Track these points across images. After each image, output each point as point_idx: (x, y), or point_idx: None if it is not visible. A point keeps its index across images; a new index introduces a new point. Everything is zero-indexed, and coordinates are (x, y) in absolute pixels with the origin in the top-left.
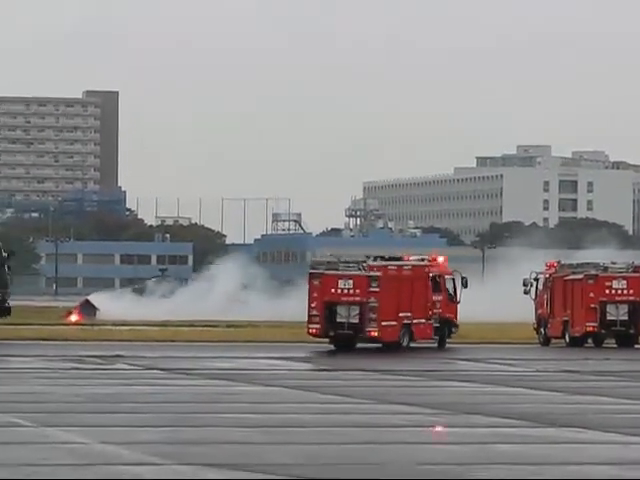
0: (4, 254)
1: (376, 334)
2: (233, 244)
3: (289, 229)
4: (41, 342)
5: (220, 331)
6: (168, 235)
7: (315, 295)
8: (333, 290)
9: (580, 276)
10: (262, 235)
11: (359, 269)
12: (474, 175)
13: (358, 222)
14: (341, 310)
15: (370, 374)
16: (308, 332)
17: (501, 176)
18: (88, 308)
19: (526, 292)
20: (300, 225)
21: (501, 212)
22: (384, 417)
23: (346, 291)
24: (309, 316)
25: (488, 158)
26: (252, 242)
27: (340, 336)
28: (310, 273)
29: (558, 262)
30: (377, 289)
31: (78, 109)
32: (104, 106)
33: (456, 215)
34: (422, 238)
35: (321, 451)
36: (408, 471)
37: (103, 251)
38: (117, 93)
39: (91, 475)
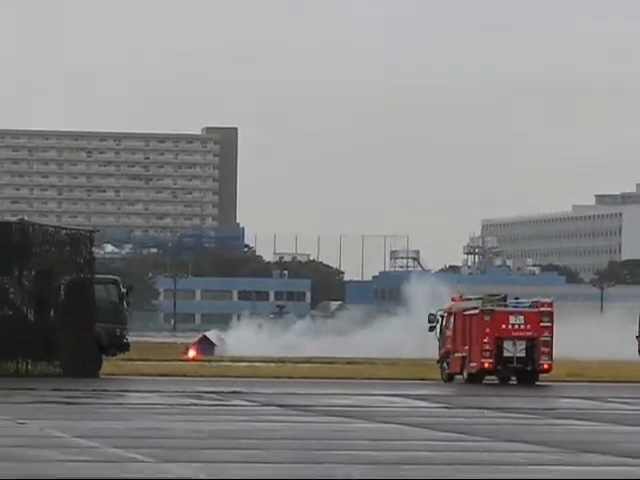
0: (123, 290)
1: (549, 367)
2: (351, 281)
3: (407, 266)
4: (159, 378)
5: (338, 368)
6: (286, 272)
7: (487, 331)
8: (504, 326)
9: None
10: (380, 272)
11: (530, 306)
12: (593, 213)
13: (476, 259)
14: (508, 345)
15: (488, 412)
16: (482, 366)
17: (620, 214)
18: (206, 344)
19: None
20: (418, 262)
21: (620, 250)
22: (500, 455)
23: (517, 326)
24: (482, 351)
25: (607, 196)
26: (370, 279)
27: (509, 370)
28: (481, 310)
29: None
30: (549, 324)
31: (197, 145)
32: (223, 142)
33: (575, 253)
34: (541, 276)
35: None
36: None
37: (221, 287)
38: (236, 129)
39: None
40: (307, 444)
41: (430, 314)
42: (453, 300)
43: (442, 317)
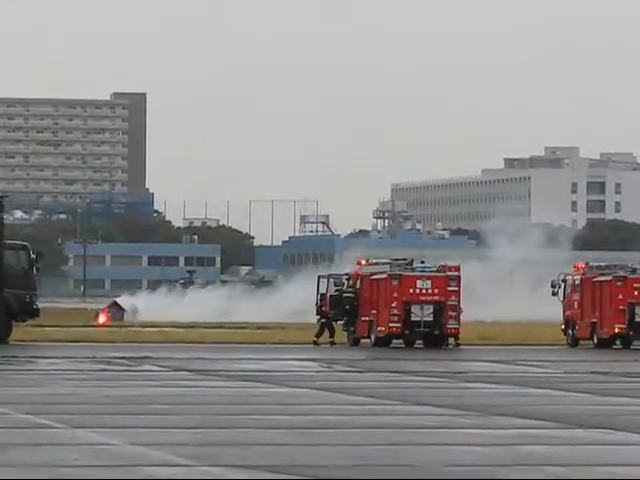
0: (32, 256)
1: (457, 331)
2: (261, 246)
3: (317, 231)
4: (69, 344)
5: (248, 333)
6: (196, 237)
7: (395, 295)
8: (412, 290)
9: (608, 278)
10: (290, 237)
11: (437, 270)
12: (502, 177)
13: (386, 224)
14: (416, 309)
15: (397, 375)
16: (390, 331)
17: (529, 178)
18: (116, 310)
19: (554, 293)
20: (328, 227)
21: (530, 214)
22: (412, 418)
23: (424, 291)
24: (390, 315)
25: (516, 159)
26: (280, 244)
27: (417, 334)
28: (389, 274)
29: (586, 264)
30: (456, 288)
31: (106, 111)
32: (132, 108)
33: (484, 217)
34: (450, 240)
35: (350, 452)
36: (436, 473)
37: (131, 253)
38: (145, 95)
39: (120, 476)
40: (219, 409)
41: (335, 278)
42: (358, 264)
43: (348, 281)
